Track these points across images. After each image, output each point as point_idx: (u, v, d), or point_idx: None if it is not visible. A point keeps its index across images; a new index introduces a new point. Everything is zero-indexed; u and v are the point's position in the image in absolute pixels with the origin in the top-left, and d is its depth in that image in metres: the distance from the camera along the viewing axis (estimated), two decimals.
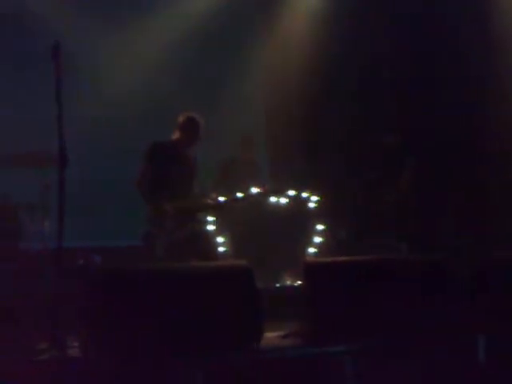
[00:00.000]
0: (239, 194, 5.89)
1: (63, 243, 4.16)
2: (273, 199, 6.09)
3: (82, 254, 6.45)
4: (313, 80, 7.61)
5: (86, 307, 3.89)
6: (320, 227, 6.24)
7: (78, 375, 3.68)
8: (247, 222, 6.42)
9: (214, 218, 6.16)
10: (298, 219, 6.33)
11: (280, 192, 6.08)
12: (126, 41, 7.57)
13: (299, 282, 6.04)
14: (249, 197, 5.76)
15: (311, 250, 6.22)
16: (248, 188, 5.93)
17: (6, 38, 7.34)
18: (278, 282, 6.32)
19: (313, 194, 6.27)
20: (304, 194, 6.25)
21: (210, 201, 5.59)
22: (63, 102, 4.14)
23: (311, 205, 6.26)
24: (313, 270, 4.26)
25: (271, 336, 4.39)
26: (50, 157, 5.05)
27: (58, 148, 4.16)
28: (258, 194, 5.79)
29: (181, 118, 5.68)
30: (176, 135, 5.67)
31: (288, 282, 6.31)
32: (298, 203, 6.21)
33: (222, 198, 5.67)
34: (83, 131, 6.59)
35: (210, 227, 6.11)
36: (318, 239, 6.22)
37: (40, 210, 5.70)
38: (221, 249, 6.16)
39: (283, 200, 6.16)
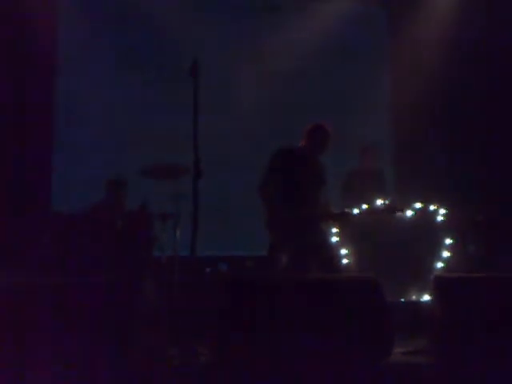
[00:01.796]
0: (364, 206, 5.85)
1: (195, 253, 4.31)
2: (399, 212, 5.99)
3: (209, 263, 6.67)
4: (443, 92, 7.44)
5: (213, 314, 3.99)
6: (448, 241, 6.08)
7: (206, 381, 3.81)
8: (372, 234, 6.35)
9: (338, 230, 6.13)
10: (425, 233, 6.20)
11: (406, 206, 5.97)
12: (255, 53, 7.74)
13: (426, 297, 5.92)
14: (374, 210, 5.68)
15: (439, 264, 6.07)
16: (373, 199, 5.87)
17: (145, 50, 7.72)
18: (403, 297, 6.21)
19: (440, 207, 6.12)
20: (432, 207, 6.11)
21: (336, 211, 5.52)
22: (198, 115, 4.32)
23: (439, 218, 6.11)
24: (445, 285, 4.16)
25: (396, 351, 4.34)
26: (184, 168, 5.27)
27: (193, 160, 4.34)
28: (384, 207, 5.70)
29: (308, 126, 5.59)
30: (302, 142, 5.56)
31: (414, 297, 6.19)
32: (426, 216, 6.08)
33: (351, 210, 5.61)
34: (216, 143, 6.80)
35: (334, 238, 6.08)
36: (445, 253, 6.07)
37: (172, 219, 5.91)
38: (344, 261, 6.12)
39: (409, 213, 6.05)
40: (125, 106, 7.55)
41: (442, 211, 6.09)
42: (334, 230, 6.11)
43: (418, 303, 5.98)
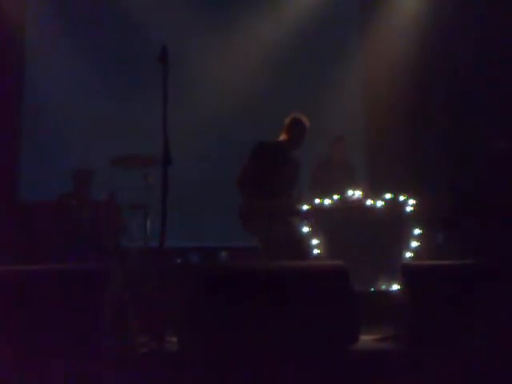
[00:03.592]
0: (335, 197, 5.89)
1: (165, 243, 4.30)
2: (369, 202, 6.03)
3: (180, 254, 6.66)
4: (414, 79, 7.50)
5: (181, 303, 3.99)
6: (417, 231, 6.14)
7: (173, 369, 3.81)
8: (342, 224, 6.39)
9: (308, 221, 6.15)
10: (394, 223, 6.25)
11: (376, 195, 6.03)
12: (228, 41, 7.72)
13: (395, 287, 5.97)
14: (345, 200, 5.74)
15: (407, 254, 6.12)
16: (343, 190, 5.91)
17: (115, 41, 7.65)
18: (373, 286, 6.27)
19: (410, 198, 6.17)
20: (401, 198, 6.16)
21: (299, 206, 5.59)
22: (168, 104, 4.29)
23: (408, 208, 6.16)
24: (411, 274, 4.20)
25: (366, 339, 4.38)
26: (153, 158, 5.25)
27: (163, 149, 4.31)
28: (355, 197, 5.77)
29: (288, 120, 5.68)
30: (283, 136, 5.68)
31: (383, 286, 6.25)
32: (395, 206, 6.13)
33: (305, 207, 5.69)
34: (187, 133, 6.78)
35: (305, 229, 6.11)
36: (414, 243, 6.12)
37: (142, 209, 5.88)
38: (315, 251, 6.15)
39: (379, 203, 6.10)
40: (94, 94, 7.48)
41: (411, 201, 6.14)
42: (305, 220, 6.14)
43: (388, 292, 6.03)
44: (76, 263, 4.62)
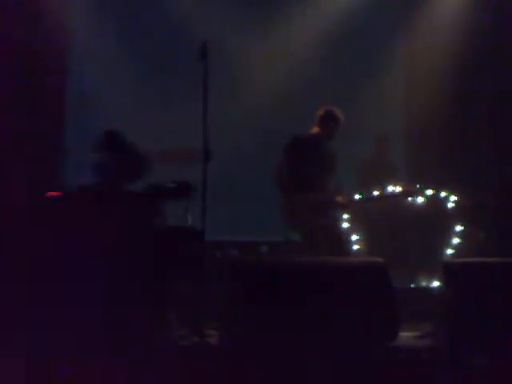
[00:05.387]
0: (375, 193, 5.86)
1: (206, 237, 4.35)
2: (410, 199, 5.99)
3: (220, 248, 6.70)
4: (456, 79, 7.39)
5: (222, 298, 4.02)
6: (458, 228, 6.08)
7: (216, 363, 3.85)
8: (383, 220, 6.36)
9: (349, 216, 6.14)
10: (435, 219, 6.20)
11: (418, 192, 5.98)
12: (268, 38, 7.72)
13: (435, 283, 5.93)
14: (385, 196, 5.71)
15: (449, 251, 6.06)
16: (384, 187, 5.88)
17: (155, 38, 7.72)
18: (413, 283, 6.23)
19: (451, 194, 6.11)
20: (442, 194, 6.10)
21: (340, 198, 5.57)
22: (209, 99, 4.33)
23: (450, 205, 6.10)
24: (452, 271, 4.17)
25: (405, 336, 4.37)
26: (194, 153, 5.29)
27: (203, 144, 4.36)
28: (395, 193, 5.73)
29: (320, 112, 5.68)
30: (315, 129, 5.68)
31: (423, 283, 6.21)
32: (436, 203, 6.07)
33: (357, 196, 5.67)
34: (227, 128, 6.80)
35: (345, 224, 6.10)
36: (456, 240, 6.06)
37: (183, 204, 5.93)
38: (355, 247, 6.14)
39: (420, 199, 6.05)
40: (134, 90, 7.55)
41: (453, 198, 6.07)
42: (345, 215, 6.12)
43: (428, 289, 5.98)
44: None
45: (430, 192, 6.08)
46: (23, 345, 3.67)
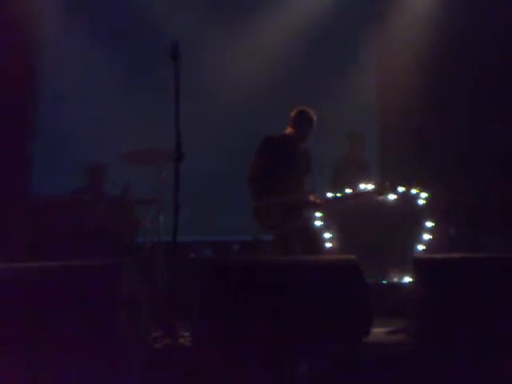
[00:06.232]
0: (347, 190, 5.90)
1: (178, 238, 4.34)
2: (382, 196, 6.05)
3: (194, 248, 6.70)
4: (429, 74, 7.46)
5: (195, 298, 4.02)
6: (429, 224, 6.15)
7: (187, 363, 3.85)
8: (355, 218, 6.41)
9: (322, 214, 6.17)
10: (406, 216, 6.27)
11: (389, 189, 6.03)
12: (241, 36, 7.72)
13: (407, 279, 5.99)
14: (358, 194, 5.74)
15: (420, 247, 6.14)
16: (356, 185, 5.92)
17: (127, 37, 7.68)
18: (385, 279, 6.30)
19: (422, 191, 6.18)
20: (413, 191, 6.17)
21: (313, 198, 5.58)
22: (180, 99, 4.32)
23: (420, 202, 6.17)
24: (423, 267, 4.21)
25: (378, 332, 4.40)
26: (166, 153, 5.27)
27: (175, 144, 4.34)
28: (368, 190, 5.77)
29: (293, 113, 5.66)
30: (288, 129, 5.66)
31: (395, 279, 6.27)
32: (407, 200, 6.14)
33: (329, 195, 5.69)
34: (200, 128, 6.78)
35: (318, 223, 6.13)
36: (426, 236, 6.14)
37: (155, 204, 5.92)
38: (328, 245, 6.18)
39: (392, 197, 6.11)
40: (106, 90, 7.50)
41: (424, 195, 6.14)
42: (318, 214, 6.15)
43: (400, 285, 6.05)
44: (90, 259, 4.65)
45: (401, 189, 6.14)
46: None
